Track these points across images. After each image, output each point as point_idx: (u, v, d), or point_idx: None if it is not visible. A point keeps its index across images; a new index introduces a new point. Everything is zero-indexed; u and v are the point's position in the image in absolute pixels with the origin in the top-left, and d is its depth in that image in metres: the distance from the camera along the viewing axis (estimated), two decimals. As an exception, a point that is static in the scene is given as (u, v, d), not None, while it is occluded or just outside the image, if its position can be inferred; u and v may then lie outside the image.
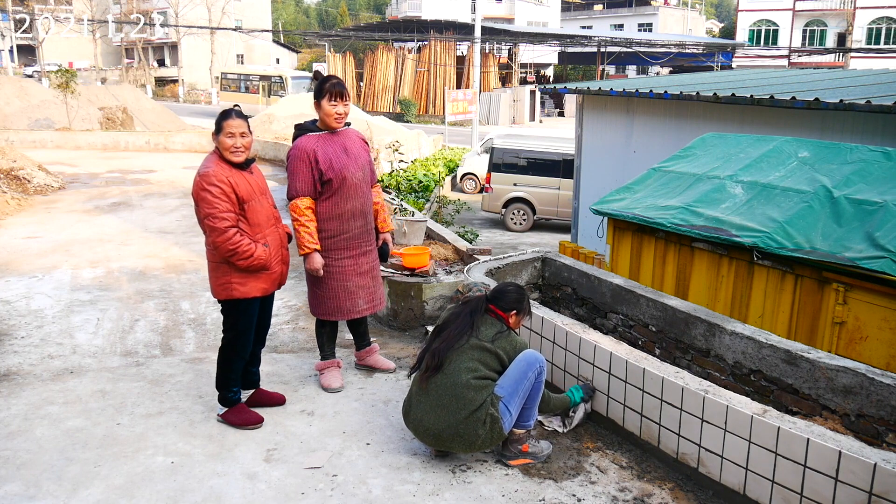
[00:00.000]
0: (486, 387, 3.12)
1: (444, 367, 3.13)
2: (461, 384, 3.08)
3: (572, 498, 3.01)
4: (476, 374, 3.11)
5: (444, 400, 3.09)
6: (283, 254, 3.66)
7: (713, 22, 76.69)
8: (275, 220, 3.61)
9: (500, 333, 3.22)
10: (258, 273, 3.48)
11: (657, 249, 5.47)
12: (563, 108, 45.16)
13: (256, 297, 3.54)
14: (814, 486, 2.61)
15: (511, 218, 15.52)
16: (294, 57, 69.45)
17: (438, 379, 3.13)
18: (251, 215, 3.46)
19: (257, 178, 3.57)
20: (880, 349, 4.10)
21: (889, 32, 44.21)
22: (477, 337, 3.18)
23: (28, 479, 3.12)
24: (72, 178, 13.01)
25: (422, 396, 3.17)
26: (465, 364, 3.12)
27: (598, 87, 10.58)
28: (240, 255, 3.38)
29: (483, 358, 3.15)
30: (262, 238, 3.50)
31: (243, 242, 3.39)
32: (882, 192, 4.45)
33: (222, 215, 3.34)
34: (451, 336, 3.20)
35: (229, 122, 3.40)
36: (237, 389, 3.64)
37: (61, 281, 6.48)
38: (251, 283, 3.48)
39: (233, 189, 3.37)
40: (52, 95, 22.74)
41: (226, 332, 3.59)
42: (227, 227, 3.34)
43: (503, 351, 3.19)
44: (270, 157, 16.09)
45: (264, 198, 3.55)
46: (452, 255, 6.11)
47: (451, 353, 3.16)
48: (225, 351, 3.58)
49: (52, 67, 35.42)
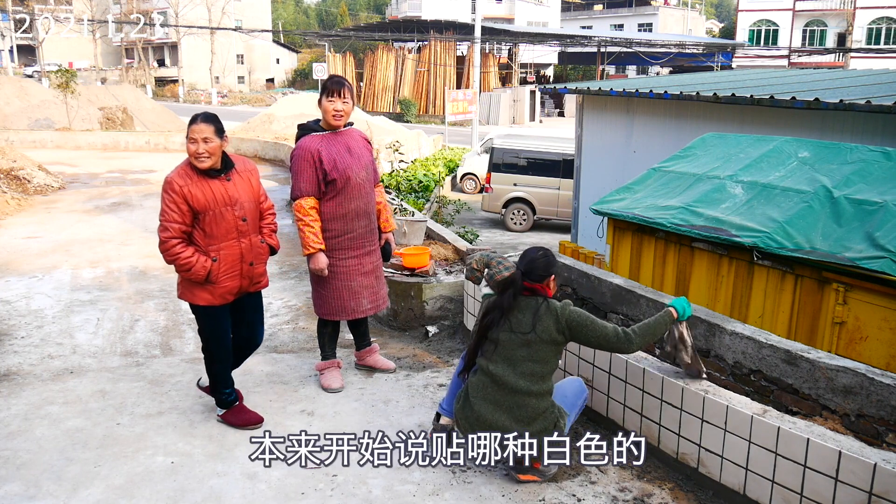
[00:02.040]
0: (548, 392, 3.01)
1: (495, 368, 3.00)
2: (522, 392, 2.96)
3: (572, 498, 3.01)
4: (534, 378, 2.97)
5: (504, 406, 2.98)
6: (243, 268, 3.47)
7: (713, 22, 76.69)
8: (237, 234, 3.42)
9: (538, 312, 3.00)
10: (203, 285, 3.39)
11: (657, 249, 5.47)
12: (563, 108, 45.17)
13: (215, 305, 3.44)
14: (814, 487, 2.61)
15: (511, 218, 15.52)
16: (294, 57, 69.49)
17: (495, 385, 2.99)
18: (206, 226, 3.34)
19: (233, 187, 3.40)
20: (880, 349, 4.10)
21: (889, 32, 44.21)
22: (517, 331, 2.99)
23: (28, 479, 3.12)
24: (72, 178, 13.01)
25: (479, 399, 3.03)
26: (519, 368, 2.97)
27: (598, 87, 10.58)
28: (179, 266, 3.34)
29: (533, 354, 2.98)
30: (216, 251, 3.37)
31: (182, 254, 3.31)
32: (882, 192, 4.45)
33: (168, 224, 3.29)
34: (486, 331, 3.06)
35: (192, 126, 3.29)
36: (229, 391, 3.60)
37: (61, 281, 6.48)
38: (195, 291, 3.41)
39: (185, 199, 3.28)
40: (52, 95, 22.75)
41: (199, 334, 3.60)
42: (169, 237, 3.30)
43: (549, 329, 2.97)
44: (270, 158, 16.09)
45: (230, 209, 3.37)
46: (452, 255, 6.12)
47: (496, 355, 3.01)
48: (203, 354, 3.59)
49: (52, 67, 35.44)
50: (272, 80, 66.28)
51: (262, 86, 64.35)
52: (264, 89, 61.74)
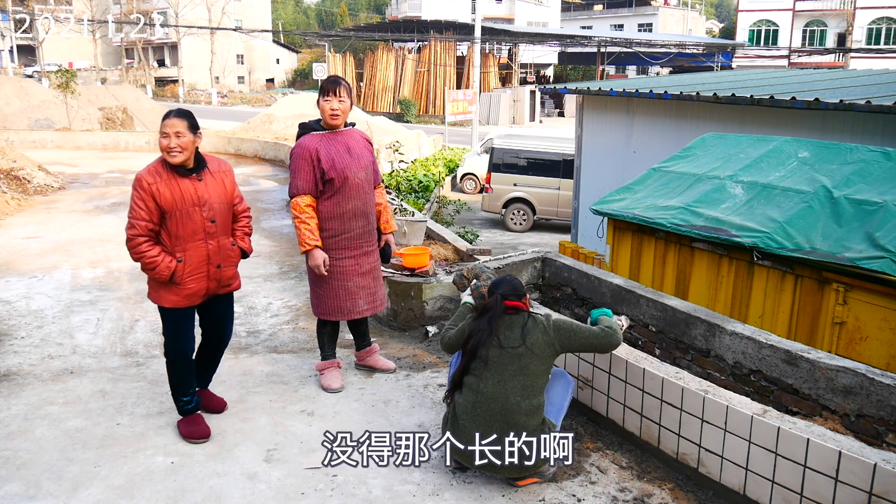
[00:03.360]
0: (540, 408, 2.99)
1: (484, 386, 2.98)
2: (512, 409, 2.93)
3: (572, 498, 3.01)
4: (526, 392, 2.94)
5: (495, 425, 2.94)
6: (210, 270, 3.42)
7: (713, 22, 76.72)
8: (204, 235, 3.37)
9: (524, 328, 3.01)
10: (168, 285, 3.36)
11: (657, 249, 5.47)
12: (563, 108, 45.18)
13: (180, 308, 3.41)
14: (814, 487, 2.61)
15: (511, 218, 15.52)
16: (294, 57, 69.53)
17: (485, 402, 2.96)
18: (172, 226, 3.30)
19: (203, 188, 3.36)
20: (880, 349, 4.10)
21: (889, 32, 44.22)
22: (506, 346, 2.99)
23: (28, 479, 3.12)
24: (72, 179, 13.00)
25: (468, 419, 2.99)
26: (510, 384, 2.94)
27: (598, 88, 10.59)
28: (144, 265, 3.31)
29: (524, 368, 2.96)
30: (181, 251, 3.32)
31: (148, 253, 3.27)
32: (882, 192, 4.45)
33: (135, 221, 3.27)
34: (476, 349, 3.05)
35: (165, 121, 3.26)
36: (188, 398, 3.51)
37: (61, 281, 6.48)
38: (161, 292, 3.38)
39: (153, 197, 3.24)
40: (52, 95, 22.74)
41: (163, 336, 3.53)
42: (135, 234, 3.27)
43: (539, 342, 2.99)
44: (270, 158, 16.08)
45: (198, 209, 3.32)
46: (452, 256, 6.11)
47: (486, 372, 2.99)
48: (165, 358, 3.52)
49: (52, 67, 35.43)
50: (272, 80, 66.33)
51: (262, 86, 64.40)
52: (264, 89, 61.78)
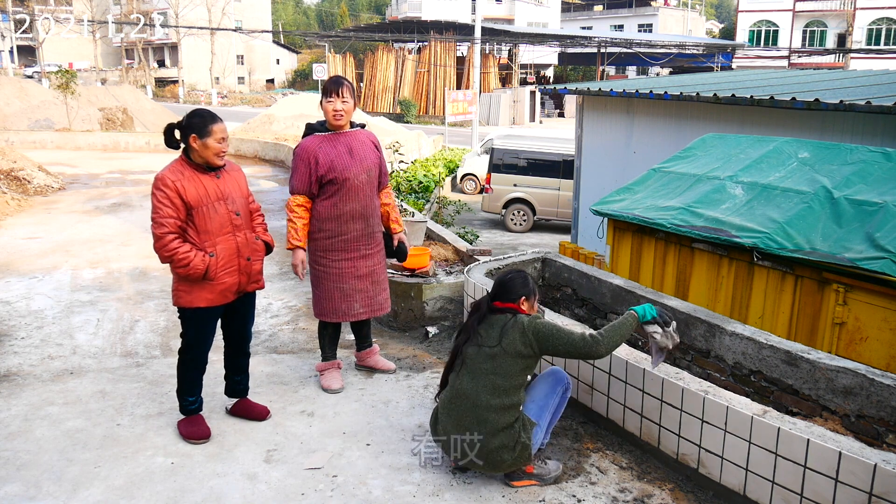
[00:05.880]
0: (513, 407, 2.95)
1: (459, 383, 3.02)
2: (482, 406, 2.94)
3: (572, 498, 3.01)
4: (496, 392, 2.93)
5: (466, 422, 2.97)
6: (241, 263, 3.44)
7: (713, 22, 76.70)
8: (232, 228, 3.40)
9: (505, 327, 2.99)
10: (202, 283, 3.34)
11: (657, 250, 5.47)
12: (563, 108, 45.20)
13: (208, 308, 3.40)
14: (814, 487, 2.61)
15: (511, 218, 15.52)
16: (294, 58, 69.56)
17: (458, 399, 3.00)
18: (200, 221, 3.31)
19: (224, 183, 3.41)
20: (880, 350, 4.10)
21: (889, 33, 44.21)
22: (483, 345, 3.00)
23: (28, 479, 3.12)
24: (72, 179, 13.01)
25: (445, 415, 3.06)
26: (482, 382, 2.95)
27: (598, 88, 10.59)
28: (177, 263, 3.28)
29: (497, 367, 2.95)
30: (211, 246, 3.33)
31: (180, 249, 3.25)
32: (882, 192, 4.45)
33: (161, 220, 3.27)
34: (459, 350, 3.09)
35: (216, 126, 3.32)
36: (192, 399, 3.52)
37: (61, 281, 6.48)
38: (196, 292, 3.35)
39: (178, 194, 3.26)
40: (52, 96, 22.74)
41: (181, 338, 3.51)
42: (165, 233, 3.26)
43: (514, 342, 2.95)
44: (270, 158, 16.08)
45: (223, 203, 3.36)
46: (452, 256, 6.12)
47: (463, 369, 3.03)
48: (179, 357, 3.51)
49: (52, 68, 35.42)
50: (272, 80, 66.34)
51: (262, 86, 64.41)
52: (264, 90, 61.79)
